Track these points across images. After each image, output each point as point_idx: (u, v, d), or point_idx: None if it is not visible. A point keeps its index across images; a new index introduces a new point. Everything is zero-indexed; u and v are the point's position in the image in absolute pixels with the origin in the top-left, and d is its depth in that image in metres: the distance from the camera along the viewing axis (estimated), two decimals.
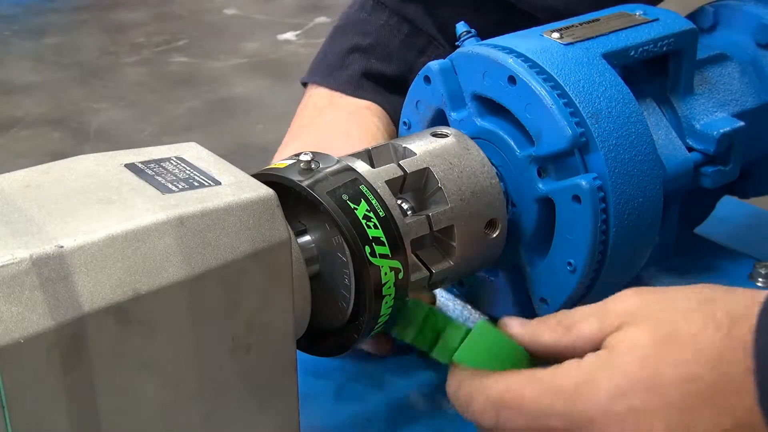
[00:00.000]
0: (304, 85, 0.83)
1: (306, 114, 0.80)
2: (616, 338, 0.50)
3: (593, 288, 0.64)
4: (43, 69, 3.07)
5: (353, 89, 0.79)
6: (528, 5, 0.79)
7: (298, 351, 0.56)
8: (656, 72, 0.70)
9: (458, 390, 0.54)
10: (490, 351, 0.53)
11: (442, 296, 0.69)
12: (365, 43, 0.80)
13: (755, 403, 0.46)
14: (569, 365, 0.50)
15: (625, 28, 0.68)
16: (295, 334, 0.54)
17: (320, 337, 0.60)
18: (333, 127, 0.76)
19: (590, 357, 0.50)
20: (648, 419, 0.48)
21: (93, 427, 0.47)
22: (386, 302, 0.56)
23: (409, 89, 0.70)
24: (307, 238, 0.58)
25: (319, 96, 0.80)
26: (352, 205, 0.55)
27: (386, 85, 0.79)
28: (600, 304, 0.52)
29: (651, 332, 0.49)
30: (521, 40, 0.65)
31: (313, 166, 0.56)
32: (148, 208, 0.48)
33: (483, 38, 0.67)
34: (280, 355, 0.53)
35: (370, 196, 0.56)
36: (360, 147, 0.72)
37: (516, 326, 0.54)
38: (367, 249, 0.55)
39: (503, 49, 0.64)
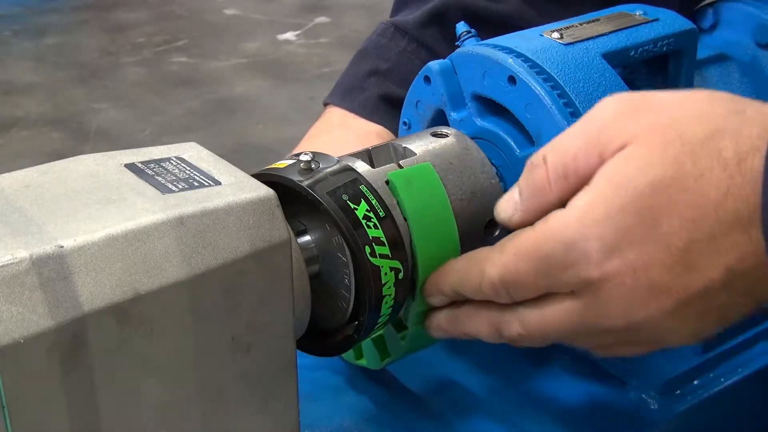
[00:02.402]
0: (325, 106, 0.85)
1: (317, 129, 0.82)
2: (610, 175, 0.48)
3: None
4: (43, 69, 3.07)
5: (369, 112, 0.81)
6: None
7: (298, 351, 0.56)
8: (656, 72, 0.70)
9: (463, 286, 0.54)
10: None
11: None
12: (384, 68, 0.83)
13: (761, 239, 0.46)
14: (555, 221, 0.50)
15: (625, 28, 0.68)
16: (295, 334, 0.54)
17: (320, 337, 0.60)
18: (337, 146, 0.77)
19: (578, 207, 0.49)
20: (641, 270, 0.48)
21: (93, 427, 0.47)
22: (386, 302, 0.56)
23: (409, 89, 0.70)
24: (307, 238, 0.58)
25: (333, 115, 0.83)
26: (352, 205, 0.55)
27: (401, 110, 0.80)
28: (587, 131, 0.50)
29: (653, 172, 0.47)
30: (521, 40, 0.65)
31: (313, 166, 0.56)
32: (148, 208, 0.48)
33: None
34: (280, 355, 0.53)
35: (370, 197, 0.56)
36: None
37: (518, 217, 0.53)
38: (367, 249, 0.55)
39: (503, 49, 0.64)
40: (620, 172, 0.48)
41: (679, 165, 0.47)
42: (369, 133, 0.79)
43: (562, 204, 0.51)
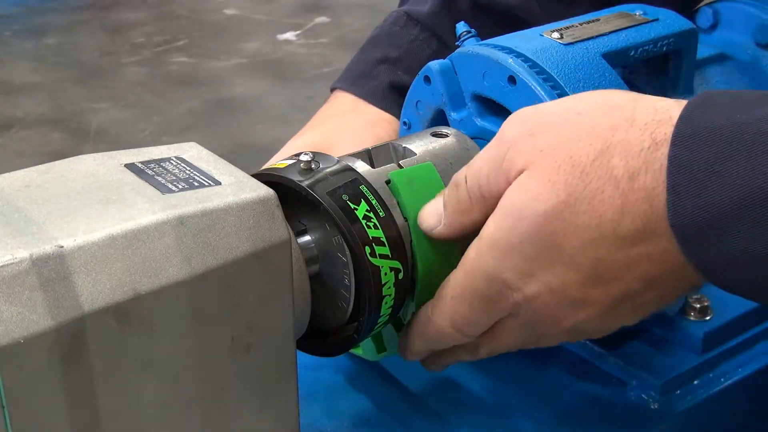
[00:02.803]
0: (332, 91, 0.84)
1: (328, 112, 0.81)
2: (506, 207, 0.51)
3: None
4: (43, 69, 3.07)
5: (378, 100, 0.80)
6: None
7: (298, 351, 0.56)
8: (656, 72, 0.70)
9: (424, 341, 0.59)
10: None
11: None
12: (394, 55, 0.82)
13: (671, 247, 0.47)
14: (473, 255, 0.53)
15: (625, 28, 0.68)
16: (295, 334, 0.54)
17: (320, 337, 0.60)
18: (348, 131, 0.77)
19: (485, 238, 0.52)
20: (558, 288, 0.51)
21: (93, 427, 0.47)
22: (386, 302, 0.56)
23: (409, 89, 0.70)
24: (307, 238, 0.58)
25: (344, 99, 0.82)
26: (352, 206, 0.55)
27: None
28: (495, 155, 0.52)
29: (545, 199, 0.49)
30: (521, 40, 0.65)
31: (313, 166, 0.56)
32: (148, 208, 0.48)
33: None
34: (280, 355, 0.53)
35: (370, 197, 0.56)
36: None
37: (443, 230, 0.56)
38: (367, 249, 0.55)
39: (503, 49, 0.64)
40: (515, 204, 0.51)
41: (570, 189, 0.49)
42: (380, 120, 0.79)
43: (486, 221, 0.53)
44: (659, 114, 0.48)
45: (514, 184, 0.51)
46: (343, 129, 0.77)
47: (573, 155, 0.49)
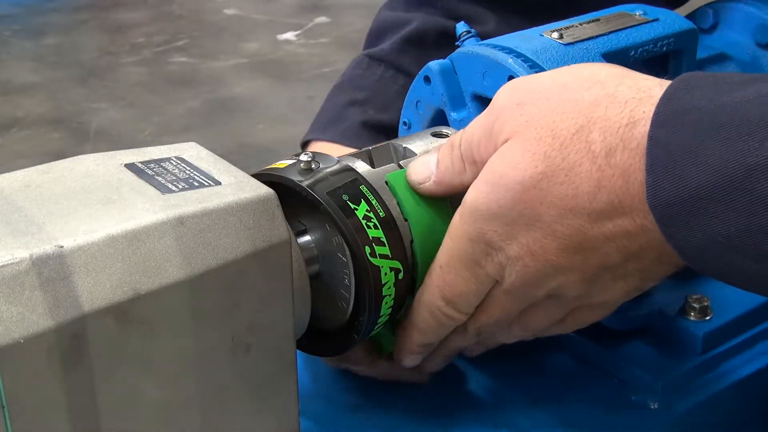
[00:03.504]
0: (303, 147, 0.83)
1: None
2: (486, 174, 0.52)
3: None
4: (43, 69, 3.07)
5: (352, 140, 0.79)
6: None
7: (298, 351, 0.56)
8: (656, 72, 0.70)
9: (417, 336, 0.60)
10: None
11: None
12: (361, 97, 0.82)
13: (647, 223, 0.48)
14: (456, 221, 0.54)
15: (625, 28, 0.68)
16: (295, 334, 0.54)
17: (320, 337, 0.60)
18: None
19: (466, 204, 0.53)
20: (539, 252, 0.53)
21: (93, 427, 0.47)
22: (386, 302, 0.56)
23: (409, 89, 0.70)
24: (307, 238, 0.58)
25: (318, 149, 0.81)
26: (353, 206, 0.55)
27: (387, 134, 0.79)
28: (487, 122, 0.54)
29: (523, 168, 0.51)
30: (521, 40, 0.65)
31: (313, 166, 0.56)
32: (148, 208, 0.48)
33: None
34: (280, 355, 0.53)
35: (371, 197, 0.56)
36: None
37: (432, 186, 0.57)
38: (367, 249, 0.55)
39: (503, 49, 0.64)
40: (495, 171, 0.52)
41: (549, 160, 0.50)
42: None
43: None
44: (641, 92, 0.49)
45: (497, 152, 0.52)
46: None
47: (554, 128, 0.50)
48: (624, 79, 0.51)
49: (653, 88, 0.49)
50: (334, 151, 0.78)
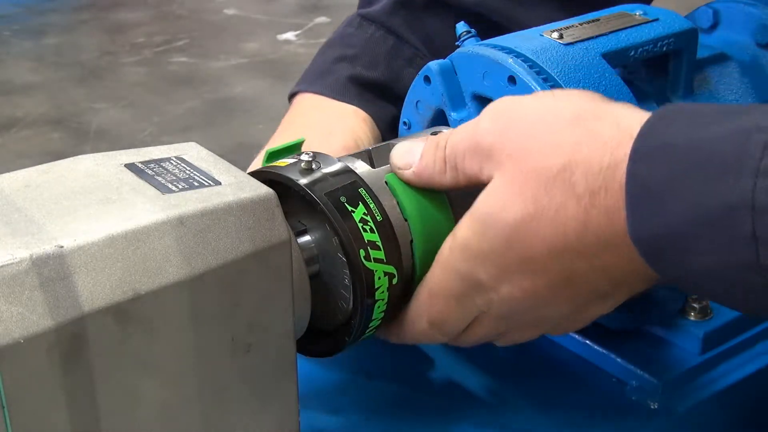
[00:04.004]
0: (290, 98, 0.84)
1: (291, 116, 0.81)
2: (478, 213, 0.53)
3: None
4: (43, 69, 3.07)
5: (339, 94, 0.80)
6: (511, 23, 0.81)
7: (298, 351, 0.56)
8: (656, 72, 0.70)
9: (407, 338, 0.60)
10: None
11: None
12: (351, 53, 0.82)
13: (633, 257, 0.49)
14: (447, 255, 0.55)
15: (625, 28, 0.68)
16: (295, 334, 0.54)
17: (320, 337, 0.60)
18: (315, 126, 0.77)
19: (459, 239, 0.54)
20: (530, 289, 0.54)
21: (93, 427, 0.47)
22: (378, 307, 0.56)
23: (409, 89, 0.70)
24: (307, 238, 0.58)
25: (305, 100, 0.82)
26: (350, 208, 0.55)
27: (373, 91, 0.79)
28: (473, 137, 0.54)
29: (514, 210, 0.51)
30: (521, 40, 0.65)
31: (313, 166, 0.56)
32: (148, 208, 0.48)
33: None
34: (280, 355, 0.53)
35: (368, 200, 0.56)
36: (340, 146, 0.73)
37: (410, 175, 0.57)
38: (362, 252, 0.55)
39: (503, 49, 0.64)
40: (486, 211, 0.53)
41: (536, 201, 0.51)
42: (344, 113, 0.78)
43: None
44: (621, 132, 0.49)
45: (487, 190, 0.53)
46: (309, 128, 0.76)
47: (537, 167, 0.51)
48: (606, 116, 0.50)
49: (633, 126, 0.49)
50: (323, 102, 0.79)
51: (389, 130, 0.77)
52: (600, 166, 0.49)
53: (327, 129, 0.76)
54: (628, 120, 0.49)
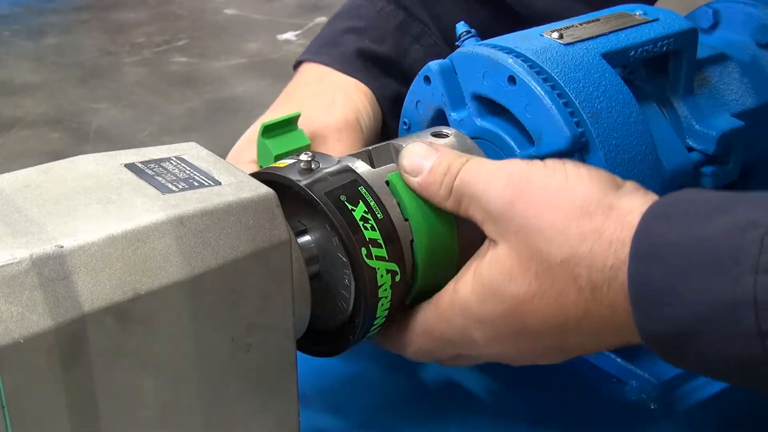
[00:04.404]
0: (295, 67, 0.83)
1: (295, 85, 0.80)
2: (483, 277, 0.54)
3: None
4: (43, 69, 3.07)
5: (344, 65, 0.79)
6: (521, 7, 0.80)
7: (298, 351, 0.56)
8: (656, 72, 0.70)
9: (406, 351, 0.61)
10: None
11: None
12: (360, 26, 0.81)
13: (634, 337, 0.50)
14: (447, 307, 0.57)
15: (625, 28, 0.68)
16: (295, 334, 0.54)
17: (319, 337, 0.60)
18: (318, 97, 0.76)
19: (462, 298, 0.55)
20: (522, 350, 0.56)
21: (93, 427, 0.47)
22: (382, 304, 0.56)
23: (409, 89, 0.70)
24: (307, 238, 0.58)
25: (310, 70, 0.81)
26: (350, 207, 0.55)
27: (379, 66, 0.79)
28: (482, 187, 0.55)
29: (518, 284, 0.53)
30: (521, 40, 0.65)
31: (313, 166, 0.56)
32: (148, 208, 0.48)
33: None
34: (280, 355, 0.53)
35: (369, 198, 0.56)
36: (341, 117, 0.72)
37: (413, 183, 0.58)
38: (364, 251, 0.55)
39: (503, 49, 0.64)
40: (490, 279, 0.54)
41: (539, 281, 0.52)
42: (348, 85, 0.77)
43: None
44: (625, 230, 0.50)
45: (493, 256, 0.54)
46: (311, 98, 0.76)
47: (543, 251, 0.52)
48: (613, 209, 0.51)
49: (636, 221, 0.50)
50: (328, 73, 0.78)
51: (390, 107, 0.77)
52: (603, 265, 0.50)
53: (329, 100, 0.75)
54: (632, 216, 0.50)
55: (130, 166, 0.53)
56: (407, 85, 0.71)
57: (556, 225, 0.51)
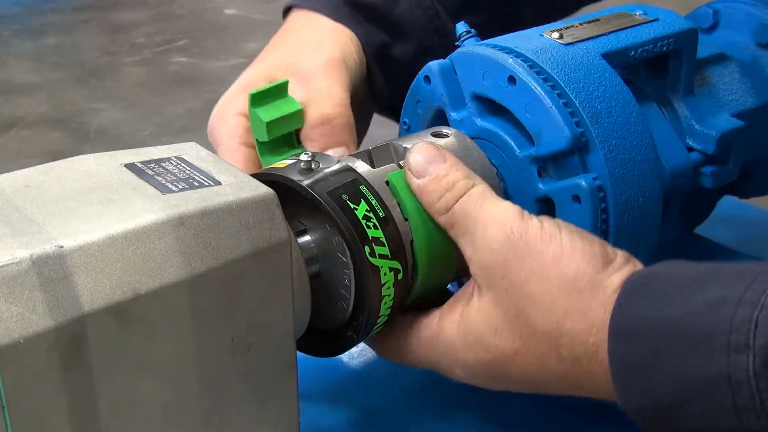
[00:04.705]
0: (284, 14, 0.82)
1: (283, 32, 0.80)
2: (469, 326, 0.55)
3: None
4: (43, 69, 3.07)
5: (332, 11, 0.78)
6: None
7: (298, 351, 0.56)
8: (656, 72, 0.70)
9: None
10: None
11: None
12: None
13: (613, 397, 0.51)
14: (437, 336, 0.57)
15: (625, 28, 0.68)
16: (295, 334, 0.54)
17: (319, 337, 0.60)
18: (305, 42, 0.76)
19: (448, 336, 0.56)
20: (500, 387, 0.57)
21: (93, 427, 0.47)
22: (385, 303, 0.56)
23: (409, 89, 0.70)
24: (307, 238, 0.58)
25: (299, 17, 0.80)
26: (352, 205, 0.55)
27: (366, 14, 0.78)
28: (481, 239, 0.55)
29: (503, 338, 0.54)
30: (521, 40, 0.65)
31: (313, 166, 0.56)
32: (147, 208, 0.48)
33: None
34: (280, 355, 0.53)
35: (370, 197, 0.56)
36: (326, 58, 0.72)
37: (413, 186, 0.58)
38: (367, 249, 0.55)
39: (503, 49, 0.64)
40: (476, 329, 0.55)
41: (523, 341, 0.54)
42: (336, 28, 0.77)
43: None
44: (608, 311, 0.51)
45: (482, 306, 0.55)
46: (300, 45, 0.76)
47: (529, 316, 0.53)
48: (598, 291, 0.52)
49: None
50: (317, 18, 0.78)
51: (375, 55, 0.76)
52: (585, 342, 0.51)
53: (316, 42, 0.75)
54: (618, 293, 0.52)
55: (130, 166, 0.53)
56: (396, 36, 0.70)
57: (545, 296, 0.53)
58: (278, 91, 0.69)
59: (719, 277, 0.48)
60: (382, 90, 0.78)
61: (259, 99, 0.68)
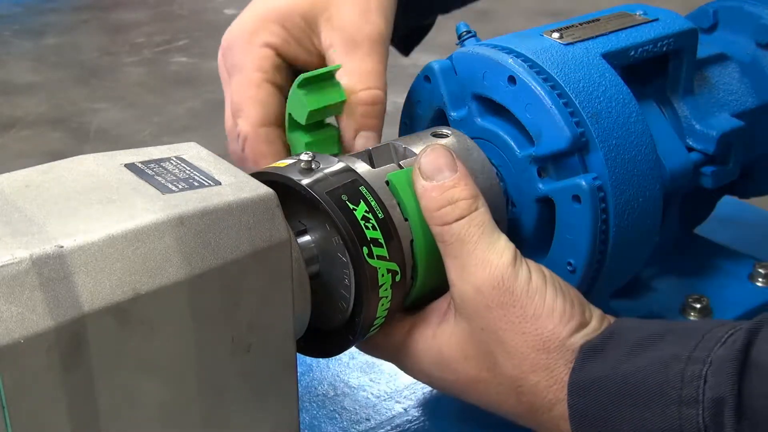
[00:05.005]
0: None
1: None
2: (450, 353, 0.58)
3: (593, 288, 0.64)
4: (43, 69, 3.07)
5: None
6: None
7: (297, 351, 0.56)
8: (656, 72, 0.70)
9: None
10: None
11: None
12: None
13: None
14: (408, 356, 0.60)
15: (625, 28, 0.68)
16: (295, 334, 0.54)
17: (320, 337, 0.60)
18: None
19: (428, 349, 0.59)
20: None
21: (93, 427, 0.47)
22: (382, 304, 0.56)
23: (409, 89, 0.70)
24: (307, 238, 0.58)
25: None
26: (351, 206, 0.55)
27: None
28: (473, 272, 0.56)
29: (471, 365, 0.57)
30: (521, 40, 0.65)
31: (313, 166, 0.56)
32: (147, 208, 0.48)
33: None
34: (279, 355, 0.53)
35: (370, 198, 0.56)
36: (376, 28, 0.67)
37: (418, 187, 0.58)
38: (365, 250, 0.55)
39: (503, 49, 0.64)
40: (448, 354, 0.58)
41: (489, 374, 0.56)
42: None
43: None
44: (569, 366, 0.54)
45: (456, 332, 0.57)
46: None
47: (498, 358, 0.56)
48: (567, 353, 0.54)
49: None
50: None
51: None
52: (544, 397, 0.54)
53: (365, 1, 0.68)
54: (558, 382, 0.54)
55: (130, 166, 0.53)
56: None
57: (518, 349, 0.55)
58: (328, 76, 0.66)
59: (673, 334, 0.52)
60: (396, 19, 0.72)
61: (308, 82, 0.65)
